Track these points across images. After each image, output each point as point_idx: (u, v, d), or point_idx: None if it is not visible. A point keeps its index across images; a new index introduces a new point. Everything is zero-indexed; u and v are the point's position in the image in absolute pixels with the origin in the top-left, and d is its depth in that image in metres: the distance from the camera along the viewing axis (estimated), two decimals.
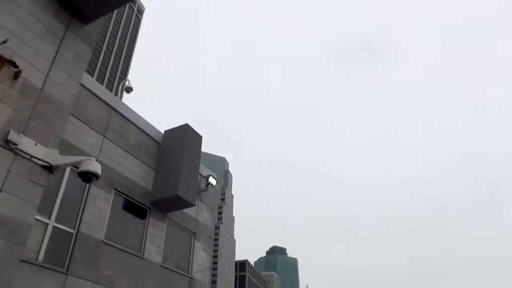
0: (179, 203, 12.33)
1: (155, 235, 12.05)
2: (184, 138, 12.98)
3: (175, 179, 12.10)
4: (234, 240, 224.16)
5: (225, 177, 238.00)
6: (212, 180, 14.42)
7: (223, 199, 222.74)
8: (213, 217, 15.43)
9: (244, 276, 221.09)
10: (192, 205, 12.61)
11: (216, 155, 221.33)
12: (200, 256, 13.82)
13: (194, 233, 13.83)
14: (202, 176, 14.65)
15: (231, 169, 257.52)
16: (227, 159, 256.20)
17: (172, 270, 12.33)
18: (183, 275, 12.80)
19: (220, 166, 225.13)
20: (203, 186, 14.57)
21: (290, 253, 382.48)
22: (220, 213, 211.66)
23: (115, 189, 11.11)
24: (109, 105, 11.61)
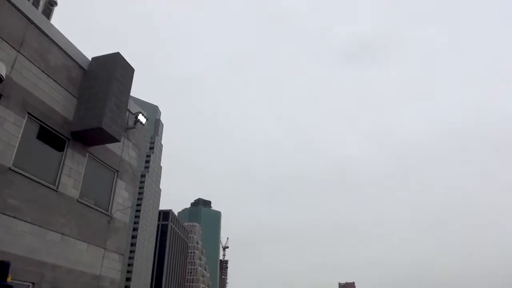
0: (103, 137, 11.40)
1: (73, 169, 11.10)
2: (114, 67, 11.81)
3: (100, 111, 11.07)
4: (160, 190, 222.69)
5: (156, 126, 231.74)
6: (141, 118, 13.50)
7: (151, 148, 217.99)
8: (139, 157, 14.66)
9: (167, 225, 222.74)
10: (117, 141, 11.74)
11: (148, 102, 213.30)
12: (122, 195, 13.14)
13: (118, 171, 13.02)
14: (131, 112, 13.65)
15: (163, 119, 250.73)
16: (160, 108, 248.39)
17: (90, 206, 11.56)
18: (102, 212, 12.10)
19: (152, 114, 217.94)
20: (131, 123, 13.62)
21: (215, 206, 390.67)
22: (147, 161, 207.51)
23: (28, 113, 9.87)
24: (26, 17, 10.06)
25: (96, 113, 11.03)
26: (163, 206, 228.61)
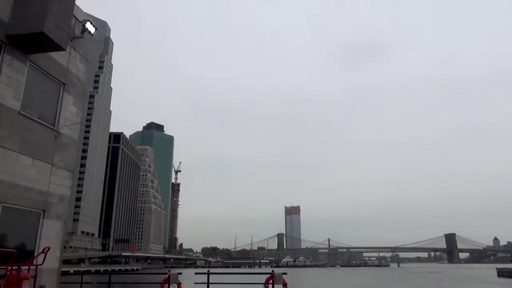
0: (45, 44, 10.21)
1: (12, 78, 10.01)
2: None
3: (41, 14, 9.78)
4: (110, 112, 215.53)
5: (105, 44, 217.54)
6: (89, 26, 12.22)
7: (101, 68, 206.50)
8: (87, 70, 13.57)
9: (118, 147, 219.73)
10: (62, 49, 10.61)
11: (96, 17, 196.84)
12: (70, 110, 12.27)
13: (64, 84, 11.99)
14: (77, 20, 12.30)
15: (113, 37, 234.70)
16: (109, 24, 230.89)
17: (33, 119, 10.70)
18: (48, 127, 11.30)
19: (101, 31, 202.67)
20: (78, 32, 12.33)
21: (168, 131, 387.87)
22: (96, 81, 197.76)
23: None
24: None
25: (37, 16, 9.75)
26: (113, 128, 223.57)
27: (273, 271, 16.43)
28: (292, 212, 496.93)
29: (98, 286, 16.49)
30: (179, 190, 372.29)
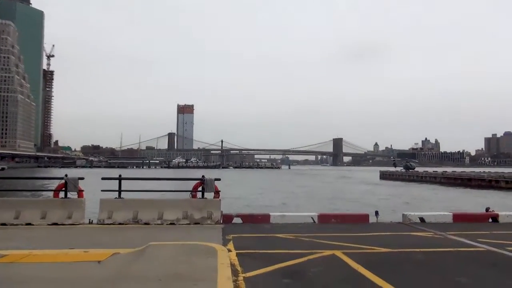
0: None
1: None
2: None
3: None
4: None
5: None
6: None
7: None
8: None
9: None
10: None
11: None
12: None
13: None
14: None
15: None
16: None
17: None
18: None
19: None
20: None
21: (35, 4, 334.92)
22: None
23: None
24: None
25: None
26: None
27: (203, 176, 14.42)
28: (185, 110, 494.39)
29: None
30: (52, 79, 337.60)
